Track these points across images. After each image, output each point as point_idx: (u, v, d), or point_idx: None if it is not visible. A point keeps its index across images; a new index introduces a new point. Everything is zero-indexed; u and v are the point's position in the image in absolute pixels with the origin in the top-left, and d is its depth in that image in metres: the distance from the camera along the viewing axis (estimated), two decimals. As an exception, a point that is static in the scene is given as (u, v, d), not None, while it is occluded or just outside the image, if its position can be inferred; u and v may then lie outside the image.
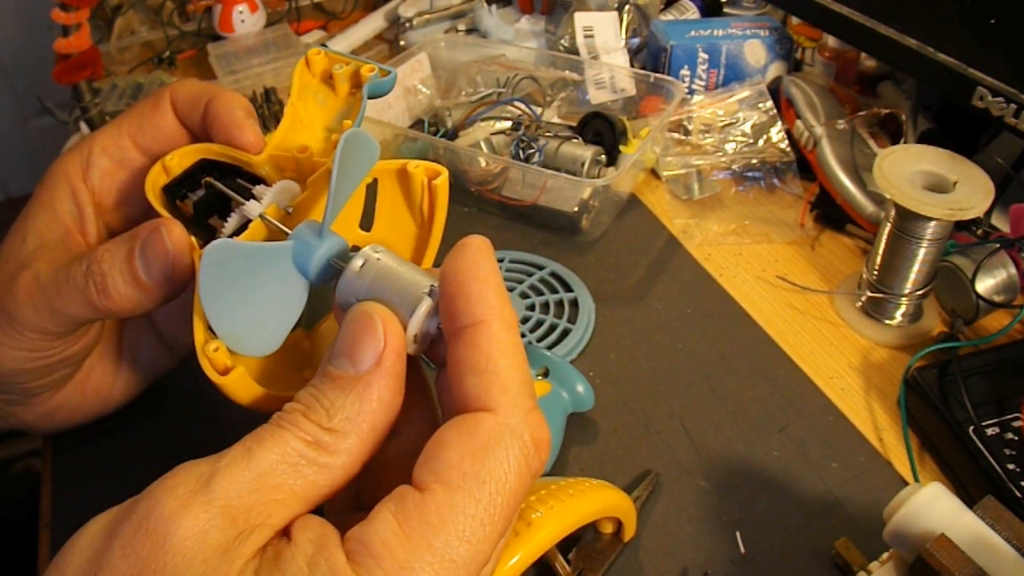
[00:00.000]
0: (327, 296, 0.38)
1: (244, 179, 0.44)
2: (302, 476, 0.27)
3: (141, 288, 0.37)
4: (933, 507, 0.39)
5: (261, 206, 0.40)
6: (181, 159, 0.43)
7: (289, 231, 0.37)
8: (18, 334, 0.39)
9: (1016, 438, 0.52)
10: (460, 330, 0.29)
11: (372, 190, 0.45)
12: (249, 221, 0.40)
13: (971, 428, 0.52)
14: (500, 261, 0.71)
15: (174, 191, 0.43)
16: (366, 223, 0.46)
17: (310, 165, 0.43)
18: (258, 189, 0.42)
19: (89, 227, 0.42)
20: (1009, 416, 0.53)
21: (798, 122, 0.78)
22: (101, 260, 0.37)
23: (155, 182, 0.43)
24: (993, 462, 0.50)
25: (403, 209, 0.44)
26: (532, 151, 0.75)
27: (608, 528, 0.48)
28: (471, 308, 0.29)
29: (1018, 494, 0.48)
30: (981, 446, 0.51)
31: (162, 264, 0.36)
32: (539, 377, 0.55)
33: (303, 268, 0.36)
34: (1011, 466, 0.50)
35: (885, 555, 0.42)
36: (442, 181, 0.42)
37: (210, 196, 0.43)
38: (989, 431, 0.52)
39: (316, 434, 0.27)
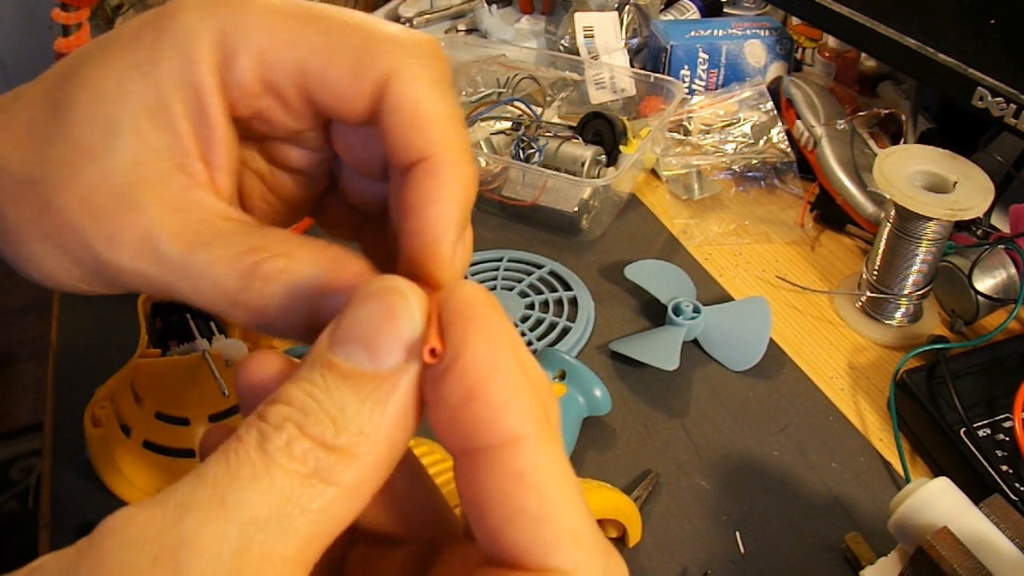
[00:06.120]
0: None
1: (215, 325, 0.58)
2: (296, 532, 0.19)
3: (313, 338, 0.24)
4: (939, 500, 0.39)
5: (209, 347, 0.54)
6: None
7: (217, 375, 0.52)
8: (96, 276, 0.26)
9: (1008, 439, 0.52)
10: (486, 449, 0.20)
11: None
12: (194, 351, 0.54)
13: (962, 430, 0.52)
14: (499, 260, 0.71)
15: (159, 308, 0.58)
16: None
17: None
18: (218, 337, 0.56)
19: (217, 156, 0.26)
20: (1000, 416, 0.53)
21: (798, 122, 0.78)
22: (269, 281, 0.24)
23: (151, 295, 0.56)
24: (986, 464, 0.50)
25: None
26: (532, 151, 0.75)
27: (612, 533, 0.48)
28: (498, 419, 0.20)
29: (1013, 496, 0.48)
30: (973, 448, 0.51)
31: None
32: (556, 379, 0.55)
33: None
34: (1004, 467, 0.50)
35: (893, 552, 0.42)
36: None
37: (179, 324, 0.57)
38: (981, 432, 0.52)
39: (316, 459, 0.19)
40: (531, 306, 0.66)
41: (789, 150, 0.79)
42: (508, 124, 0.81)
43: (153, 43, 0.25)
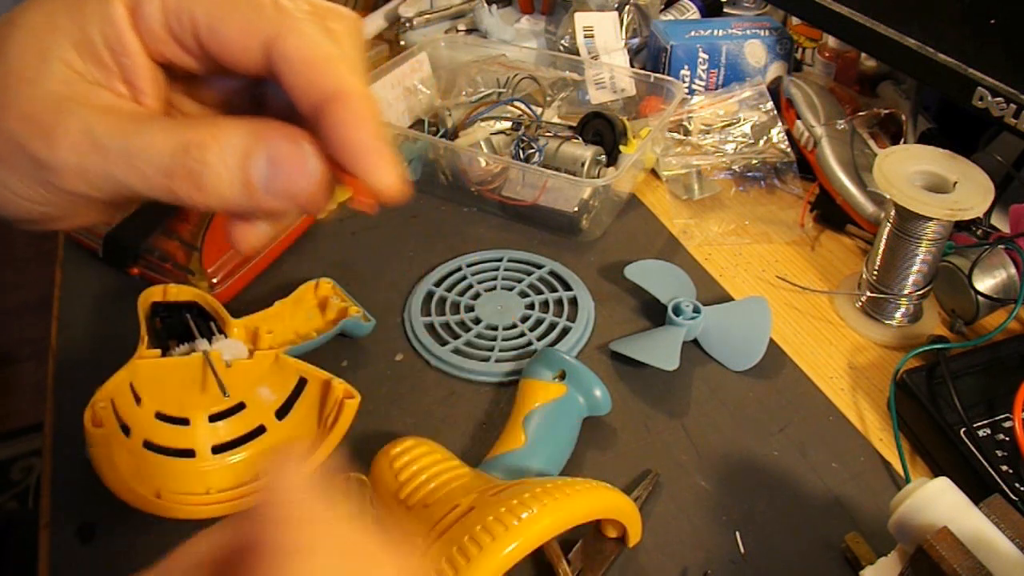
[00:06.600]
0: None
1: (215, 325, 0.57)
2: None
3: (250, 197, 0.29)
4: (939, 500, 0.39)
5: (209, 347, 0.54)
6: (179, 293, 0.58)
7: (218, 375, 0.53)
8: (41, 187, 0.30)
9: (1008, 439, 0.52)
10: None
11: (299, 388, 0.55)
12: (195, 351, 0.54)
13: (962, 430, 0.52)
14: (499, 260, 0.71)
15: (159, 308, 0.58)
16: (283, 413, 0.55)
17: (266, 344, 0.57)
18: (218, 337, 0.56)
19: (141, 81, 0.30)
20: (1000, 416, 0.53)
21: (798, 122, 0.78)
22: (206, 148, 0.28)
23: (151, 295, 0.57)
24: (986, 464, 0.50)
25: (314, 413, 0.54)
26: (532, 151, 0.75)
27: (612, 533, 0.48)
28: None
29: (1013, 496, 0.48)
30: (973, 448, 0.51)
31: (295, 184, 0.29)
32: (555, 380, 0.55)
33: None
34: (1004, 467, 0.50)
35: (893, 552, 0.42)
36: (352, 403, 0.52)
37: (179, 324, 0.57)
38: (981, 432, 0.52)
39: None
40: (531, 306, 0.66)
41: (789, 150, 0.80)
42: (508, 124, 0.81)
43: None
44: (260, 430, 0.54)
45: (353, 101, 0.28)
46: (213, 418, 0.54)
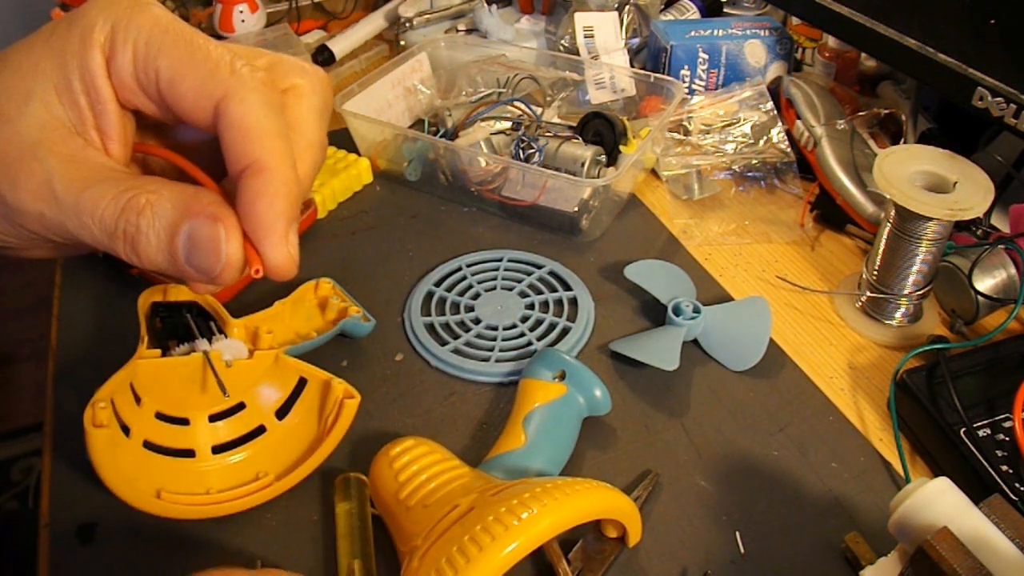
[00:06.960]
0: None
1: (215, 325, 0.57)
2: None
3: (175, 265, 0.32)
4: (939, 500, 0.39)
5: (209, 347, 0.54)
6: (179, 293, 0.58)
7: (218, 375, 0.52)
8: (5, 221, 0.33)
9: (1008, 439, 0.52)
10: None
11: (299, 388, 0.55)
12: (195, 351, 0.53)
13: (962, 430, 0.52)
14: (499, 260, 0.71)
15: (159, 308, 0.57)
16: (283, 413, 0.55)
17: (266, 344, 0.56)
18: (218, 337, 0.56)
19: (109, 127, 0.33)
20: (1000, 416, 0.53)
21: (798, 122, 0.78)
22: (141, 213, 0.31)
23: (151, 295, 0.57)
24: (986, 464, 0.50)
25: (314, 413, 0.54)
26: (532, 151, 0.75)
27: (612, 533, 0.48)
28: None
29: (1013, 496, 0.48)
30: (973, 448, 0.51)
31: (207, 263, 0.31)
32: (555, 380, 0.55)
33: None
34: (1004, 467, 0.50)
35: (893, 552, 0.42)
36: (352, 403, 0.52)
37: (179, 324, 0.57)
38: (981, 432, 0.52)
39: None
40: (531, 306, 0.66)
41: (789, 150, 0.80)
42: (508, 124, 0.81)
43: (65, 32, 0.31)
44: (260, 430, 0.54)
45: (269, 176, 0.31)
46: (213, 418, 0.54)
